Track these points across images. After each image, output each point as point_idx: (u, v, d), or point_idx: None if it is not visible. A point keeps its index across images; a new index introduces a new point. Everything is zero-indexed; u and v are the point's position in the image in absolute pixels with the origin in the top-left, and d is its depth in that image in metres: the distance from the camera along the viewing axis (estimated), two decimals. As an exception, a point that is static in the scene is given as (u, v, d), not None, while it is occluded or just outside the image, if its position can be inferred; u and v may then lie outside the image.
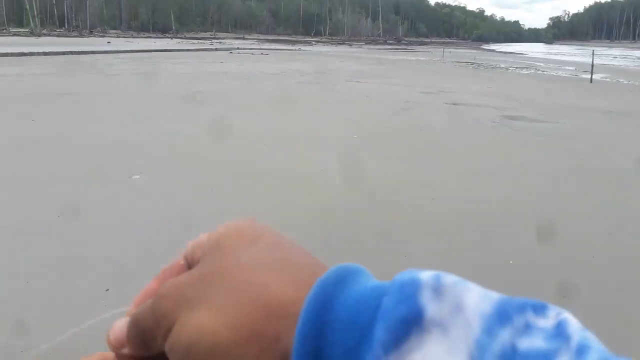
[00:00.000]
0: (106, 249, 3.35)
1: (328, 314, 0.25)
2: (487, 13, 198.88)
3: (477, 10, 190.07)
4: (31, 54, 20.77)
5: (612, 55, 52.83)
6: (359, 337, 0.24)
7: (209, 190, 4.67)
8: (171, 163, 5.50)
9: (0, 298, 2.76)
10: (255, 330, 0.26)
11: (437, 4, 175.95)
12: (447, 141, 7.22)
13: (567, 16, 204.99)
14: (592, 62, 19.92)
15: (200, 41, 49.52)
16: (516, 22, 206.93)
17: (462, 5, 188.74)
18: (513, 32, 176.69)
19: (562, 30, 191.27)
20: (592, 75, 18.87)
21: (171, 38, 57.31)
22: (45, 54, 21.31)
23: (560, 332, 0.23)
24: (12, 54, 20.08)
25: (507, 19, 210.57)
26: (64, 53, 22.11)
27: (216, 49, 32.59)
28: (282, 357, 0.25)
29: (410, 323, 0.23)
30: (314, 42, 65.12)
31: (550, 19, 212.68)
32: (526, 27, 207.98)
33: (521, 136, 7.79)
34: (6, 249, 3.34)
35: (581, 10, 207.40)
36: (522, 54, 54.08)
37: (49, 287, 2.85)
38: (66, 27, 74.38)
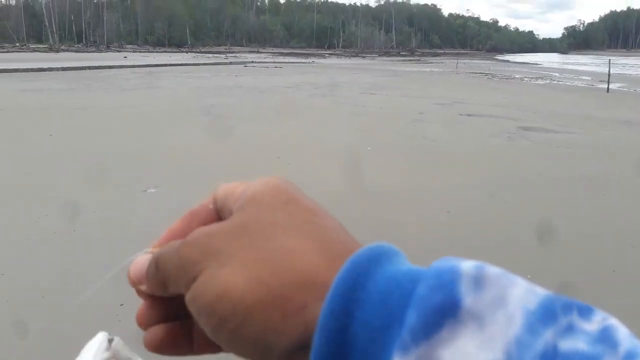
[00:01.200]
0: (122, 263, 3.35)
1: (359, 292, 0.24)
2: (501, 23, 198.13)
3: (491, 21, 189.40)
4: (50, 69, 21.14)
5: (628, 65, 52.26)
6: (389, 320, 0.23)
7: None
8: (186, 176, 5.52)
9: (15, 309, 2.78)
10: (282, 295, 0.25)
11: (450, 15, 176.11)
12: (462, 153, 7.16)
13: (582, 26, 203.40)
14: (609, 71, 19.71)
15: (215, 55, 50.01)
16: (530, 32, 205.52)
17: (475, 16, 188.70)
18: (527, 43, 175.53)
19: (577, 40, 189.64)
20: (608, 84, 18.66)
21: (187, 52, 57.96)
22: (63, 69, 21.68)
23: (605, 337, 0.22)
24: (32, 70, 20.47)
25: (521, 29, 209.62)
26: (81, 68, 22.47)
27: (231, 63, 32.89)
28: (306, 326, 0.24)
29: (446, 312, 0.22)
30: (327, 55, 65.43)
31: (565, 28, 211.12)
32: (541, 37, 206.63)
33: (537, 148, 7.70)
34: (22, 262, 3.37)
35: (596, 19, 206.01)
36: (537, 64, 53.73)
37: (64, 300, 2.86)
38: (84, 42, 75.81)
